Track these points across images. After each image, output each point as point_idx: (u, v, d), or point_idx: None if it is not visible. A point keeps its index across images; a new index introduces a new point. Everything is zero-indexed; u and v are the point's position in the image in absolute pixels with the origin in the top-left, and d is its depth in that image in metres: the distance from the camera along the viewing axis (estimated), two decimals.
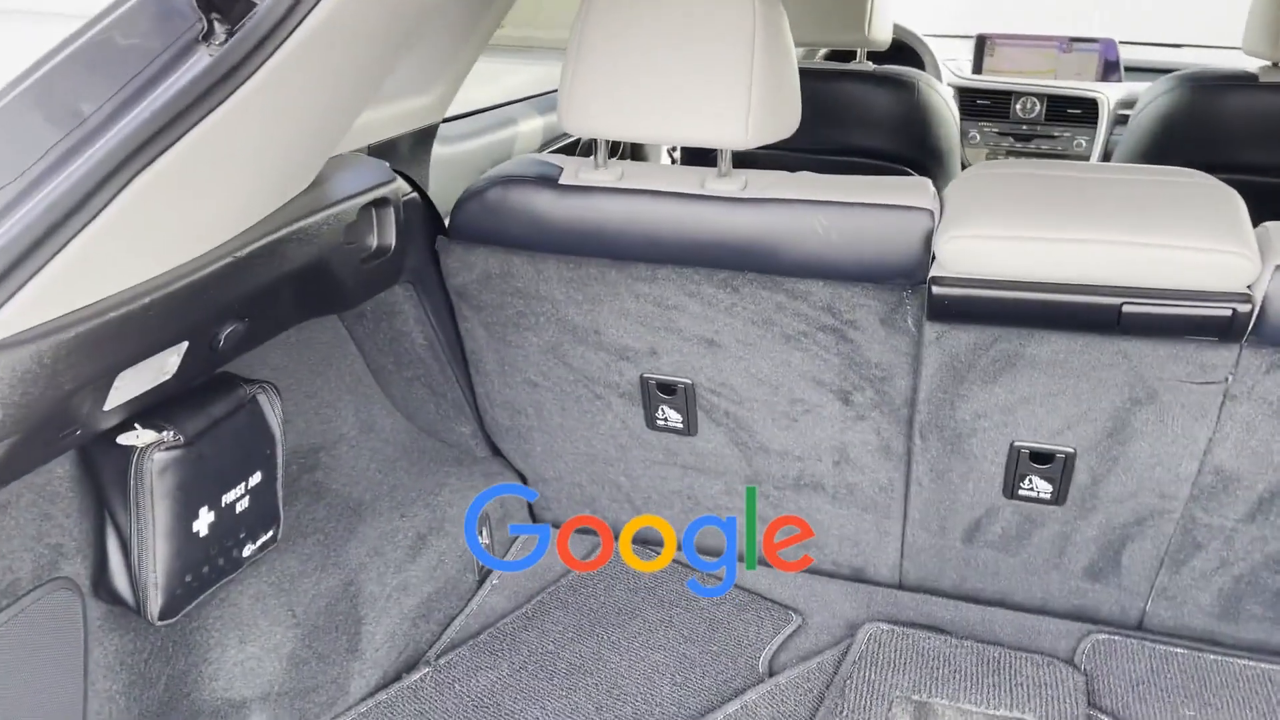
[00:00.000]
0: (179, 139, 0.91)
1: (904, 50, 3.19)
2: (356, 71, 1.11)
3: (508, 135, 2.15)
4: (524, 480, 1.77)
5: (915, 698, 1.38)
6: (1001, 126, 3.17)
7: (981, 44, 3.27)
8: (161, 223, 0.96)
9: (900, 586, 1.64)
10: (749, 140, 1.29)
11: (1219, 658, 1.47)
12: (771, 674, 1.46)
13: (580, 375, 1.57)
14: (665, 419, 1.58)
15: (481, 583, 1.65)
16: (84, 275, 0.89)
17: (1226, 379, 1.27)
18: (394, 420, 1.62)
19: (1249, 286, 1.21)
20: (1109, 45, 3.18)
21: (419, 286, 1.49)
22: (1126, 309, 1.24)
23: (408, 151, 1.59)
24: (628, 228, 1.39)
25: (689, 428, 1.58)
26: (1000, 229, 1.27)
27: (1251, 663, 1.46)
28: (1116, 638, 1.52)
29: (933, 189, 1.37)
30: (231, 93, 0.93)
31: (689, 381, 1.53)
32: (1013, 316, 1.29)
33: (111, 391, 0.99)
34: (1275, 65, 2.11)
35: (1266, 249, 1.22)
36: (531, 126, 2.26)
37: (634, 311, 1.47)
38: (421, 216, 1.47)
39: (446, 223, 1.51)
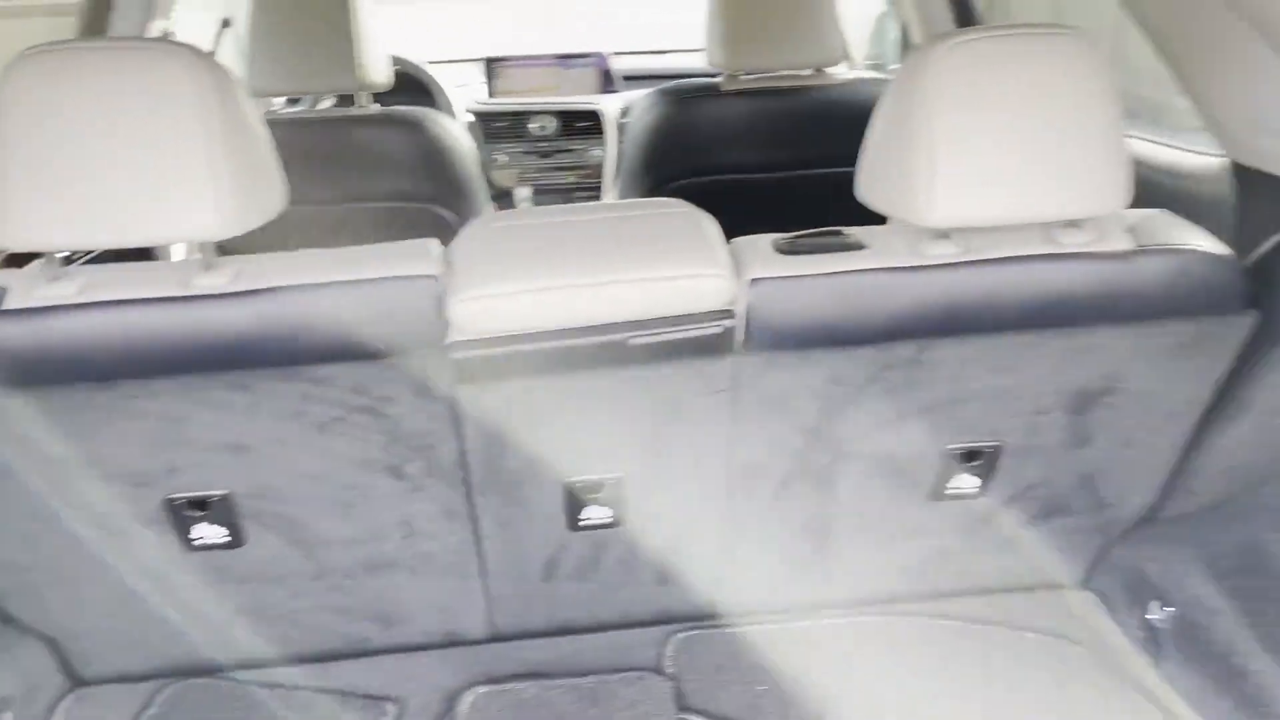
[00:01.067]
0: None
1: (415, 83, 3.17)
2: None
3: None
4: (54, 642, 1.51)
5: None
6: (523, 147, 3.27)
7: (490, 68, 3.35)
8: None
9: (494, 639, 1.63)
10: (227, 229, 1.19)
11: (778, 625, 1.63)
12: None
13: (90, 514, 1.36)
14: (204, 537, 1.42)
15: None
16: None
17: (731, 386, 1.39)
18: None
19: (732, 302, 1.33)
20: (601, 58, 3.39)
21: None
22: (632, 342, 1.30)
23: None
24: (104, 346, 1.22)
25: (236, 539, 1.44)
26: (507, 285, 1.28)
27: (803, 622, 1.63)
28: (695, 632, 1.63)
29: (438, 250, 1.34)
30: None
31: (224, 492, 1.39)
32: (536, 367, 1.31)
33: None
34: (732, 75, 2.37)
35: (740, 265, 1.35)
36: None
37: (137, 433, 1.30)
38: None
39: None
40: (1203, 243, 1.33)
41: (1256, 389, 1.42)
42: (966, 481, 1.54)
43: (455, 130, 2.48)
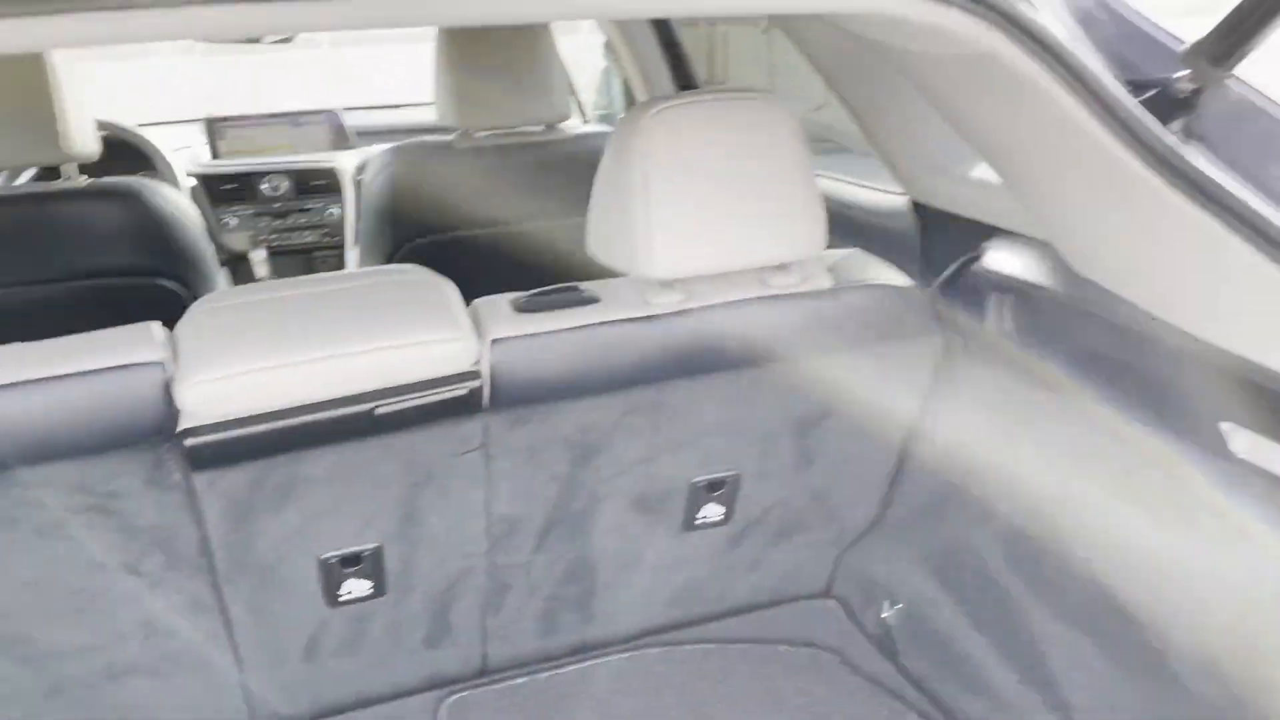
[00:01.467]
0: None
1: (130, 149, 2.99)
2: None
3: None
4: None
5: None
6: (255, 208, 3.16)
7: (213, 129, 3.21)
8: None
9: None
10: None
11: (550, 673, 1.66)
12: None
13: None
14: None
15: None
16: None
17: (483, 444, 1.41)
18: None
19: (476, 363, 1.36)
20: (332, 115, 3.33)
21: None
22: (379, 411, 1.30)
23: None
24: None
25: None
26: (240, 365, 1.24)
27: (573, 666, 1.67)
28: (467, 692, 1.62)
29: (160, 334, 1.29)
30: None
31: None
32: (278, 446, 1.28)
33: None
34: (466, 132, 2.40)
35: (481, 326, 1.38)
36: None
37: None
38: None
39: None
40: (891, 277, 1.50)
41: (949, 402, 1.60)
42: (713, 510, 1.64)
43: (174, 197, 2.36)
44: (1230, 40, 1.04)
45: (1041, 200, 1.33)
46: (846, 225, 1.95)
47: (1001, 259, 1.48)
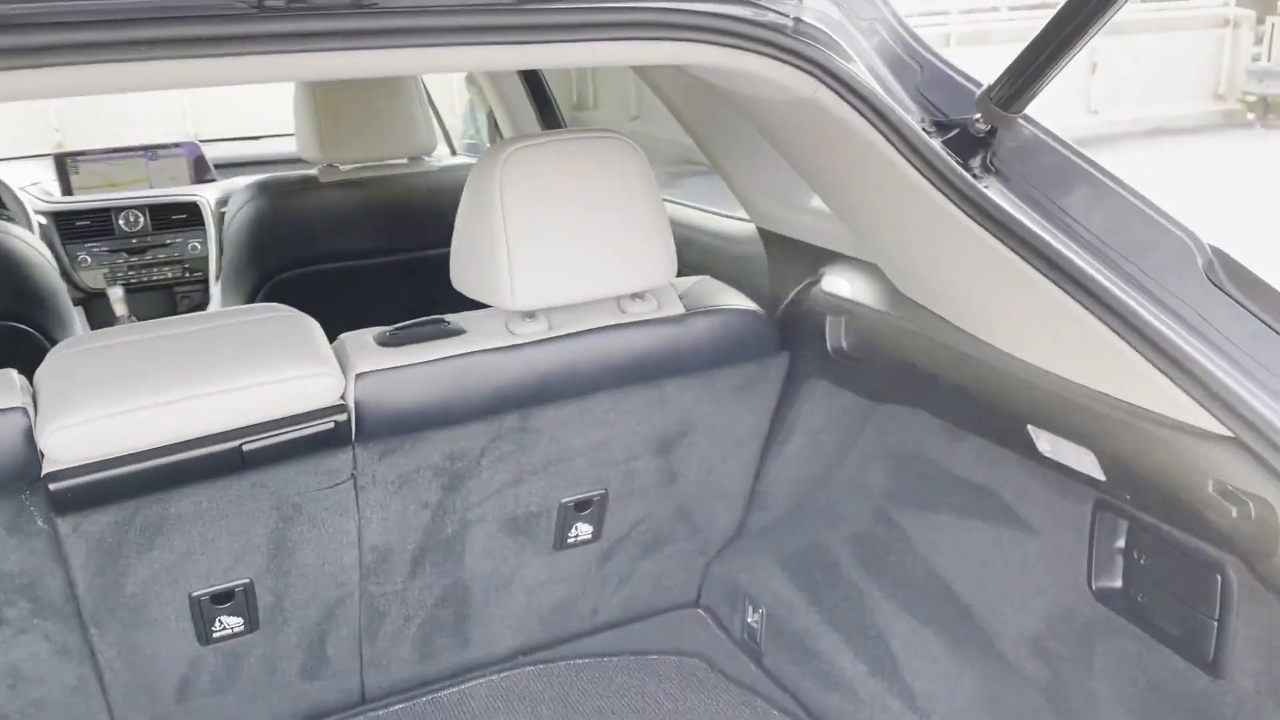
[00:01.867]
0: None
1: None
2: None
3: None
4: None
5: None
6: (111, 244, 3.09)
7: (63, 164, 3.13)
8: None
9: None
10: None
11: (428, 698, 1.69)
12: None
13: None
14: None
15: None
16: None
17: (352, 476, 1.44)
18: None
19: (342, 397, 1.39)
20: (192, 147, 3.29)
21: None
22: (247, 448, 1.32)
23: None
24: None
25: None
26: (106, 408, 1.25)
27: (452, 689, 1.71)
28: None
29: (19, 380, 1.28)
30: None
31: None
32: (143, 487, 1.29)
33: None
34: (330, 165, 2.42)
35: (345, 361, 1.41)
36: None
37: None
38: None
39: None
40: (739, 302, 1.60)
41: (798, 415, 1.72)
42: (583, 529, 1.70)
43: (23, 235, 2.30)
44: (1015, 87, 1.18)
45: (865, 227, 1.45)
46: (704, 250, 2.06)
47: (838, 282, 1.61)
